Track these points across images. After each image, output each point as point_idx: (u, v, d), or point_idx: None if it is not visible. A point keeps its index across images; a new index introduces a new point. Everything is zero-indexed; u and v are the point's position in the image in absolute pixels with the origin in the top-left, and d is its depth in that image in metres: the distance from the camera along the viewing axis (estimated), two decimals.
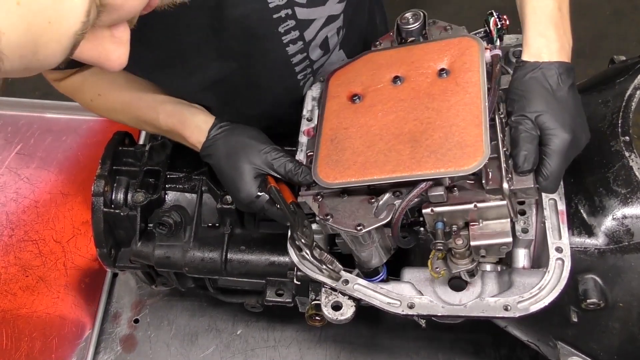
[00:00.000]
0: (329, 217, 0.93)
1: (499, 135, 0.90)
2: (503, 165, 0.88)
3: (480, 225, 0.89)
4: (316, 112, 1.12)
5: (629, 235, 0.93)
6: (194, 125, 1.07)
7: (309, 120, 1.11)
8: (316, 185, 0.97)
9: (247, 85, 1.12)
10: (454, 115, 0.91)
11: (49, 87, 1.18)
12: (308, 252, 0.95)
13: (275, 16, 0.99)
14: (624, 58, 1.16)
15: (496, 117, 0.92)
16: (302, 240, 0.95)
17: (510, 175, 0.88)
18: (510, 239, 0.88)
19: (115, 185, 1.18)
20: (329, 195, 0.96)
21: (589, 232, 0.96)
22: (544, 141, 0.89)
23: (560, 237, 0.94)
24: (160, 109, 1.10)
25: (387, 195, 0.92)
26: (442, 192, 0.88)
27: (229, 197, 1.12)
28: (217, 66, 1.06)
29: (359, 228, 0.91)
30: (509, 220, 0.89)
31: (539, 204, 0.98)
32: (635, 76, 1.02)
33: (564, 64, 0.92)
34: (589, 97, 1.07)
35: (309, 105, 1.14)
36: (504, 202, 0.87)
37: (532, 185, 0.88)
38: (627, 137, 0.97)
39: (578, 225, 0.97)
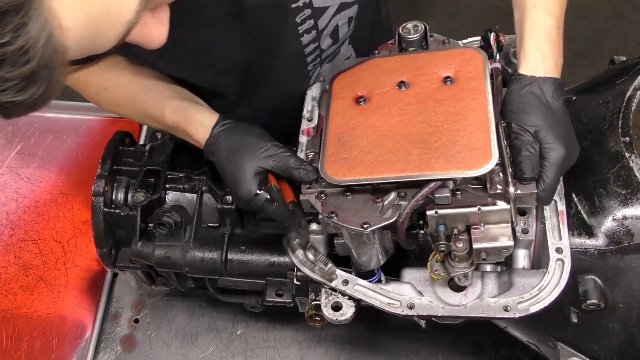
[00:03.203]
0: (333, 215, 0.93)
1: (503, 142, 0.92)
2: (508, 170, 0.89)
3: (482, 228, 0.90)
4: (316, 112, 1.12)
5: (629, 236, 0.93)
6: (198, 122, 1.07)
7: (309, 120, 1.11)
8: (318, 183, 0.98)
9: (261, 76, 1.14)
10: (462, 119, 0.92)
11: None
12: (301, 252, 0.95)
13: (293, 6, 1.02)
14: (624, 58, 1.16)
15: (499, 125, 0.94)
16: (297, 240, 0.94)
17: (514, 180, 0.89)
18: (511, 243, 0.89)
19: (115, 185, 1.18)
20: (332, 194, 0.96)
21: (589, 232, 0.96)
22: (542, 154, 0.91)
23: (560, 238, 0.94)
24: (166, 104, 1.10)
25: (392, 196, 0.92)
26: (448, 194, 0.89)
27: (229, 197, 1.12)
28: (235, 56, 1.08)
29: (365, 226, 0.91)
30: (510, 224, 0.90)
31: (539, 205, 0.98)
32: (636, 77, 1.02)
33: (557, 80, 0.95)
34: (589, 98, 1.07)
35: (308, 105, 1.14)
36: (508, 207, 0.88)
37: (535, 191, 0.90)
38: (627, 138, 0.97)
39: (578, 225, 0.97)
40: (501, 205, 0.89)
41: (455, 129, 0.92)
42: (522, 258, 1.00)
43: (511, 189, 0.88)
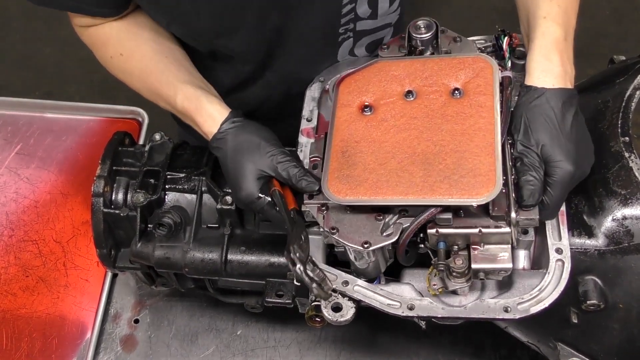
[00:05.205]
0: (335, 231, 0.94)
1: (508, 163, 0.92)
2: (512, 194, 0.89)
3: (482, 248, 0.90)
4: (316, 113, 1.12)
5: (629, 236, 0.93)
6: (208, 114, 1.07)
7: (309, 120, 1.11)
8: (320, 194, 0.97)
9: (292, 37, 1.14)
10: (468, 140, 0.92)
11: (49, 87, 1.18)
12: (302, 267, 0.92)
13: None
14: (623, 58, 1.16)
15: (506, 144, 0.93)
16: (297, 255, 0.92)
17: (517, 205, 0.89)
18: (510, 265, 0.89)
19: (115, 185, 1.18)
20: (334, 207, 0.96)
21: (589, 233, 0.96)
22: (548, 172, 0.90)
23: (560, 238, 0.94)
24: (179, 88, 1.10)
25: (393, 215, 0.92)
26: (450, 216, 0.89)
27: (228, 198, 1.12)
28: (272, 17, 1.08)
29: (365, 245, 0.91)
30: (510, 246, 0.90)
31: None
32: (635, 76, 1.02)
33: (567, 91, 0.93)
34: (588, 97, 1.07)
35: (309, 105, 1.14)
36: (508, 230, 0.88)
37: (537, 217, 0.90)
38: (627, 138, 0.97)
39: (578, 226, 0.97)
40: (502, 228, 0.89)
41: (460, 150, 0.91)
42: (522, 259, 1.00)
43: (513, 214, 0.88)
